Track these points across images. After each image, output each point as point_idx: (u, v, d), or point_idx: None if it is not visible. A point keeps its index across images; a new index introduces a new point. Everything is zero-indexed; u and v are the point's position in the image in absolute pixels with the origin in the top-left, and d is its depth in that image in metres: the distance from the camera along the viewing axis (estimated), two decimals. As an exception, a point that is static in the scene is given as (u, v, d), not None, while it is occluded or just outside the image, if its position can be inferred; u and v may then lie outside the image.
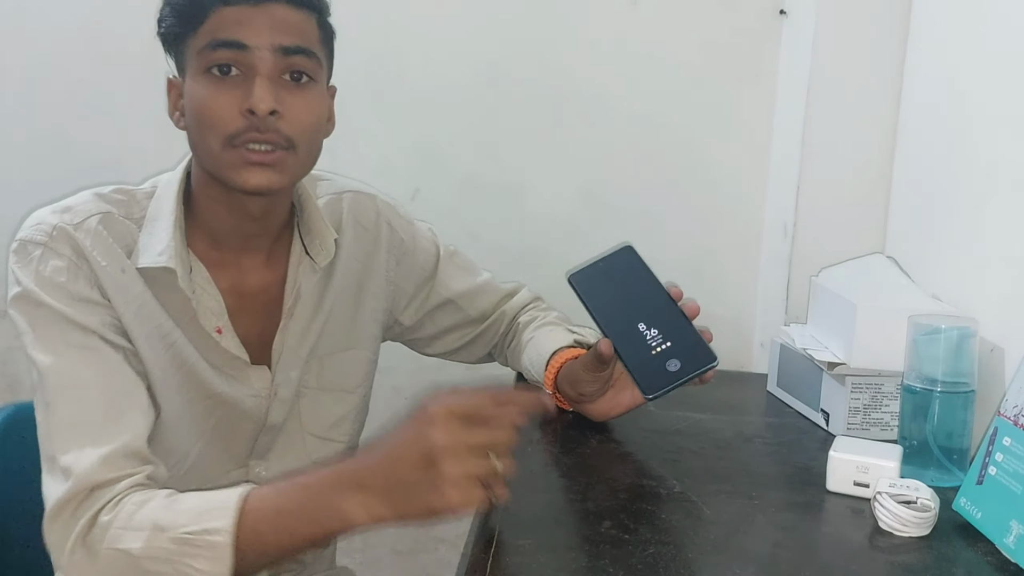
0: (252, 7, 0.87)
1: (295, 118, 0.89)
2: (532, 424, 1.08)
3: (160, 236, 0.92)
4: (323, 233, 1.01)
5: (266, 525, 0.77)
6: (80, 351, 0.87)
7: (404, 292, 1.14)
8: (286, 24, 0.89)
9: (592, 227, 1.51)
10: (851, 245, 1.33)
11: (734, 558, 0.77)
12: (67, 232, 0.89)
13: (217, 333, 0.95)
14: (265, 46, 0.87)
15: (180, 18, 0.90)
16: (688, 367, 0.95)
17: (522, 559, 0.76)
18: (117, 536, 0.78)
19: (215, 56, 0.88)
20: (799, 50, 1.39)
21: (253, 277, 0.99)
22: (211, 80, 0.88)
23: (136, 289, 0.91)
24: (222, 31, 0.87)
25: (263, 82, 0.87)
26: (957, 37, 1.18)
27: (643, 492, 0.90)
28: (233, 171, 0.89)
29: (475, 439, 0.73)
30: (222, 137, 0.88)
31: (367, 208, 1.10)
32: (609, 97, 1.49)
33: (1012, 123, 1.02)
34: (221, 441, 0.99)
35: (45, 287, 0.87)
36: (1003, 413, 0.83)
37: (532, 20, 1.48)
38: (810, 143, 1.37)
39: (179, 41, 0.91)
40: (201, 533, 0.76)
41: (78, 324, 0.87)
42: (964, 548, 0.80)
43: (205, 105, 0.88)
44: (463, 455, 0.72)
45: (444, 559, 1.64)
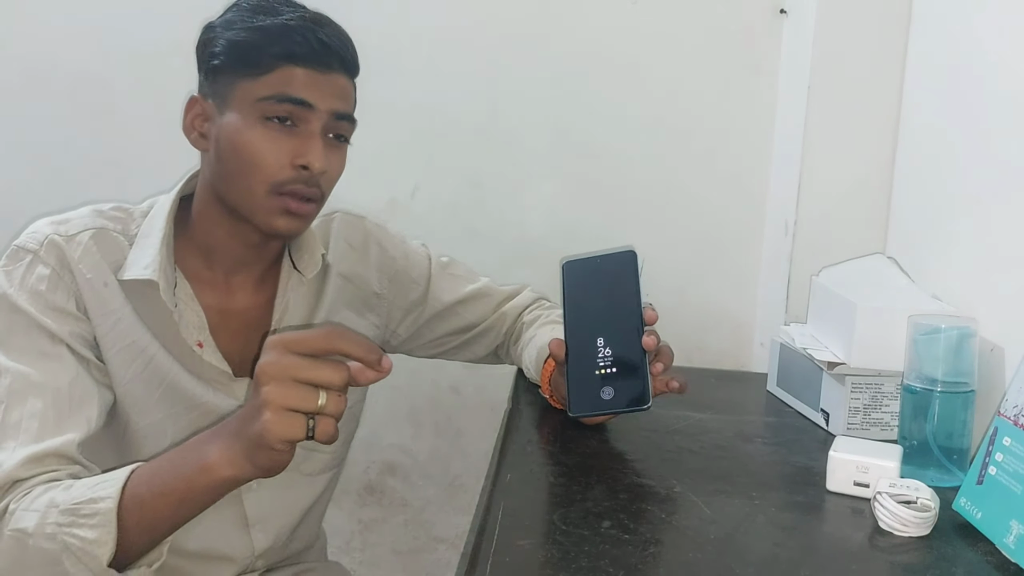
0: (318, 71, 0.94)
1: (332, 176, 0.98)
2: (532, 424, 1.09)
3: (148, 252, 0.96)
4: (312, 247, 1.05)
5: (145, 487, 0.78)
6: (42, 358, 0.90)
7: (398, 307, 1.18)
8: (342, 92, 0.97)
9: (592, 225, 1.51)
10: (852, 245, 1.33)
11: (734, 558, 0.77)
12: (57, 244, 0.94)
13: (198, 347, 0.98)
14: (326, 109, 0.95)
15: (242, 62, 0.94)
16: (619, 401, 0.95)
17: (522, 559, 0.76)
18: (17, 518, 0.80)
19: (279, 108, 0.93)
20: (800, 49, 1.39)
21: (241, 297, 1.03)
22: (268, 128, 0.93)
23: (115, 304, 0.95)
24: (290, 88, 0.93)
25: (319, 142, 0.94)
26: (957, 36, 1.18)
27: (643, 492, 0.90)
28: (268, 215, 0.94)
29: (301, 371, 0.72)
30: (268, 183, 0.93)
31: (356, 229, 1.14)
32: (609, 95, 1.49)
33: (1013, 123, 1.02)
34: None
35: (25, 294, 0.92)
36: (1003, 413, 0.83)
37: (533, 20, 1.48)
38: (811, 143, 1.37)
39: (230, 78, 0.94)
40: (88, 502, 0.78)
41: (48, 332, 0.91)
42: (964, 548, 0.80)
43: (257, 150, 0.93)
44: (285, 383, 0.72)
45: (444, 559, 1.64)
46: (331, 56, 0.95)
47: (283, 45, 0.93)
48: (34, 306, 0.91)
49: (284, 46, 0.93)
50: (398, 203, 1.54)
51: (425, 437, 1.63)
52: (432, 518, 1.65)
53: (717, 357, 1.53)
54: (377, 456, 1.63)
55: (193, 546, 1.00)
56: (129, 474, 0.79)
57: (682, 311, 1.52)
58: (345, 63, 0.97)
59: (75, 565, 0.77)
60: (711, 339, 1.54)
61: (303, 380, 0.72)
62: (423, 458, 1.63)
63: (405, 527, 1.65)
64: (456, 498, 1.63)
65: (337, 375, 0.73)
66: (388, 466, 1.63)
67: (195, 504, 0.78)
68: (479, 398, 1.59)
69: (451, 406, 1.61)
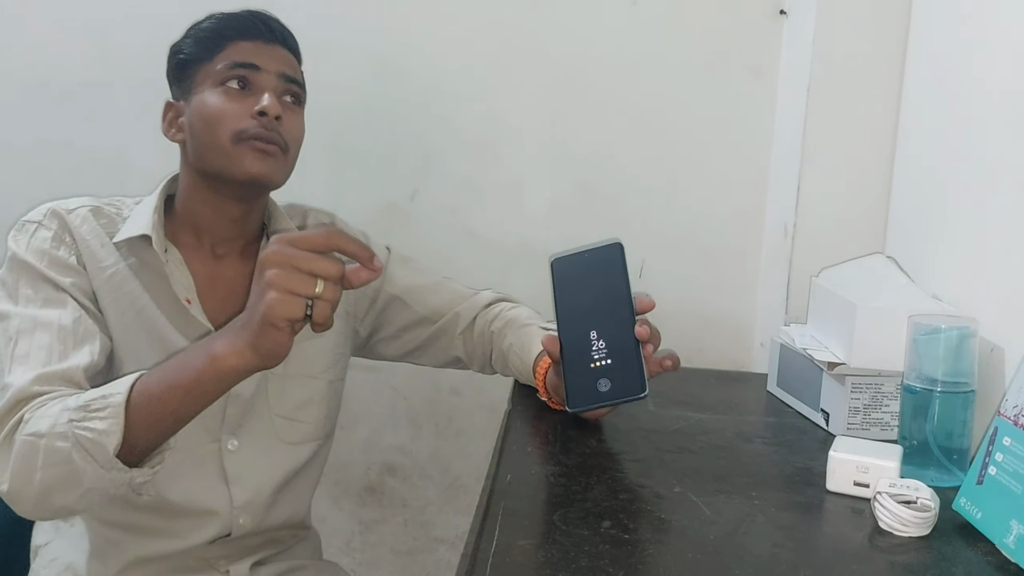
0: (264, 44, 1.08)
1: (291, 128, 1.07)
2: (532, 425, 1.09)
3: (142, 217, 1.07)
4: (286, 227, 1.15)
5: (153, 384, 0.87)
6: (48, 303, 1.00)
7: (364, 296, 1.23)
8: (286, 60, 1.09)
9: (591, 228, 1.51)
10: (851, 245, 1.33)
11: (734, 558, 0.77)
12: (58, 213, 1.06)
13: (187, 303, 1.06)
14: (274, 71, 1.07)
15: (201, 46, 1.07)
16: (616, 392, 0.95)
17: (522, 559, 0.76)
18: (32, 424, 0.87)
19: (232, 73, 1.05)
20: (799, 50, 1.39)
21: (227, 266, 1.11)
22: (226, 91, 1.05)
23: (112, 260, 1.05)
24: (240, 56, 1.06)
25: (271, 95, 1.05)
26: (957, 37, 1.18)
27: (643, 492, 0.90)
28: (237, 161, 1.03)
29: (302, 262, 0.80)
30: (232, 132, 1.03)
31: (323, 218, 1.24)
32: (609, 97, 1.49)
33: (1012, 123, 1.02)
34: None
35: (31, 251, 1.02)
36: (1003, 413, 0.83)
37: (532, 20, 1.49)
38: (810, 143, 1.37)
39: (193, 67, 1.07)
40: (99, 398, 0.86)
41: (52, 281, 1.01)
42: (964, 548, 0.80)
43: (219, 108, 1.04)
44: (286, 268, 0.80)
45: (444, 559, 1.64)
46: (273, 33, 1.08)
47: (231, 26, 1.07)
48: (39, 261, 1.01)
49: (232, 27, 1.07)
50: (397, 207, 1.54)
51: (425, 438, 1.63)
52: (432, 519, 1.64)
53: (717, 358, 1.53)
54: (377, 457, 1.63)
55: (176, 497, 1.06)
56: (139, 375, 0.88)
57: (682, 312, 1.52)
58: (287, 42, 1.10)
59: (84, 458, 0.85)
60: (711, 340, 1.54)
61: (303, 269, 0.80)
62: (423, 459, 1.63)
63: (405, 528, 1.65)
64: (456, 499, 1.63)
65: (333, 267, 0.81)
66: (388, 467, 1.63)
67: (201, 396, 0.86)
68: (479, 399, 1.59)
69: (451, 407, 1.61)
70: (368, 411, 1.60)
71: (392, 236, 1.30)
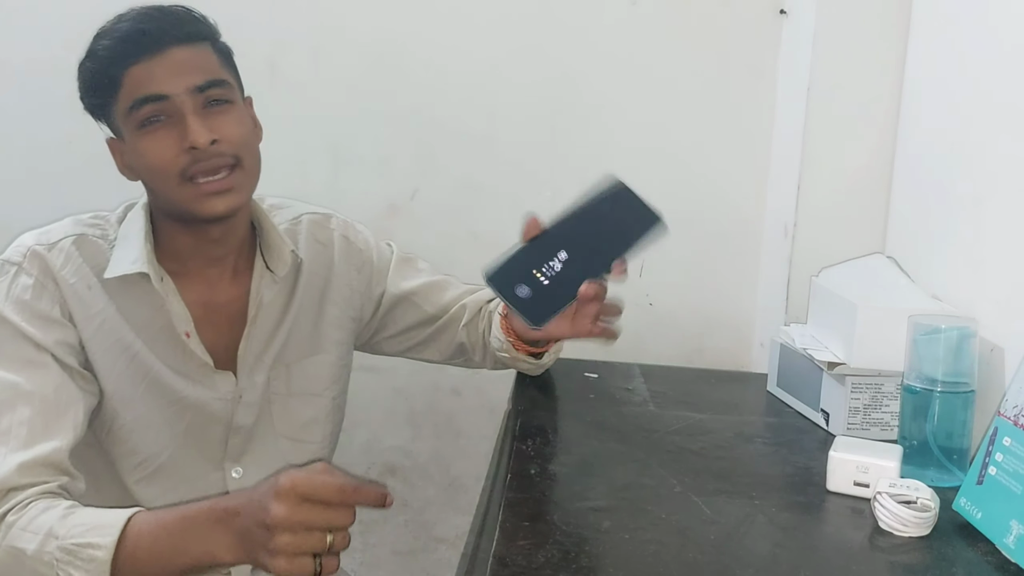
0: (153, 56, 0.96)
1: (232, 137, 0.98)
2: (532, 425, 1.09)
3: (131, 249, 1.00)
4: (280, 247, 1.08)
5: (143, 552, 0.82)
6: (28, 366, 0.94)
7: (369, 299, 1.19)
8: (189, 64, 0.97)
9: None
10: (851, 245, 1.33)
11: (734, 558, 0.77)
12: (39, 254, 0.98)
13: (186, 337, 1.02)
14: (181, 91, 0.96)
15: (97, 91, 0.98)
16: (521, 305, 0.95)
17: (522, 559, 0.76)
18: (17, 535, 0.84)
19: (142, 112, 0.96)
20: (799, 50, 1.39)
21: (220, 291, 1.06)
22: (147, 133, 0.96)
23: (100, 305, 0.99)
24: (139, 89, 0.95)
25: (193, 119, 0.95)
26: (957, 37, 1.18)
27: (643, 492, 0.90)
28: (195, 204, 0.97)
29: (313, 518, 0.76)
30: (174, 176, 0.96)
31: (322, 226, 1.17)
32: (609, 97, 1.49)
33: (1012, 123, 1.02)
34: (193, 444, 1.05)
35: (10, 304, 0.96)
36: (1003, 413, 0.83)
37: (532, 21, 1.48)
38: (810, 143, 1.37)
39: (105, 109, 0.99)
40: (85, 546, 0.82)
41: (33, 341, 0.95)
42: (964, 548, 0.80)
43: (150, 155, 0.96)
44: (298, 531, 0.76)
45: (444, 559, 1.64)
46: (159, 39, 0.96)
47: (114, 55, 0.96)
48: (19, 315, 0.95)
49: (115, 56, 0.96)
50: (398, 207, 1.54)
51: (425, 438, 1.63)
52: (432, 519, 1.64)
53: (717, 358, 1.53)
54: (377, 457, 1.63)
55: None
56: (126, 523, 0.82)
57: (682, 312, 1.52)
58: (176, 34, 0.97)
59: None
60: (711, 340, 1.54)
61: (317, 527, 0.77)
62: (423, 459, 1.63)
63: (405, 528, 1.65)
64: (456, 499, 1.63)
65: (347, 519, 0.78)
66: (388, 467, 1.63)
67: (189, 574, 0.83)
68: (479, 399, 1.59)
69: (451, 407, 1.61)
70: (368, 412, 1.60)
71: (393, 236, 1.30)
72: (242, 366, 1.07)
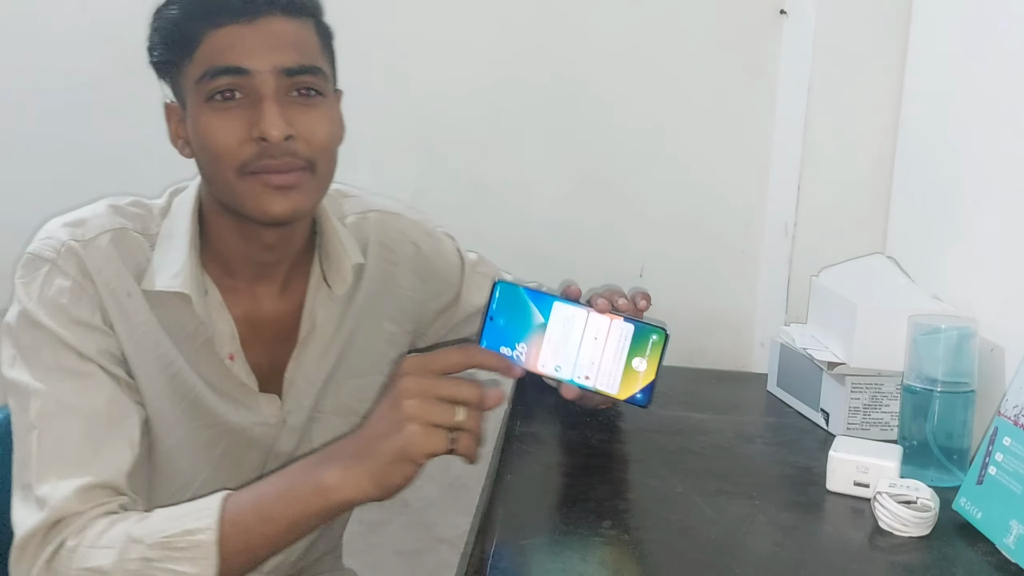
0: (245, 25, 0.82)
1: (311, 137, 0.85)
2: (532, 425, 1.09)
3: (174, 256, 0.89)
4: (341, 259, 0.96)
5: (249, 515, 0.76)
6: (73, 377, 0.83)
7: (430, 310, 1.10)
8: (285, 41, 0.84)
9: (593, 227, 1.51)
10: (851, 245, 1.33)
11: (734, 558, 0.77)
12: (75, 251, 0.86)
13: (229, 360, 0.92)
14: (267, 69, 0.83)
15: (170, 46, 0.86)
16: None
17: (522, 559, 0.76)
18: (85, 555, 0.75)
19: (215, 84, 0.83)
20: (799, 50, 1.39)
21: (267, 306, 0.95)
22: (215, 109, 0.84)
23: (141, 316, 0.88)
24: (218, 57, 0.82)
25: (271, 105, 0.83)
26: (957, 37, 1.18)
27: (643, 492, 0.90)
28: (252, 201, 0.85)
29: (439, 388, 0.74)
30: (234, 167, 0.84)
31: (392, 228, 1.06)
32: (610, 96, 1.49)
33: (1012, 123, 1.02)
34: (229, 468, 0.96)
35: (46, 308, 0.84)
36: (1003, 413, 0.83)
37: (533, 20, 1.48)
38: (810, 143, 1.37)
39: (173, 69, 0.87)
40: (183, 534, 0.74)
41: (75, 349, 0.83)
42: (964, 548, 0.80)
43: (212, 136, 0.84)
44: (427, 399, 0.73)
45: (445, 559, 1.64)
46: (254, 1, 0.82)
47: (198, 11, 0.83)
48: (57, 321, 0.83)
49: (199, 12, 0.83)
50: (398, 205, 1.54)
51: (426, 438, 1.63)
52: (433, 519, 1.64)
53: (717, 358, 1.53)
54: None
55: None
56: (222, 502, 0.76)
57: (682, 312, 1.52)
58: (280, 1, 0.84)
59: None
60: (711, 340, 1.54)
61: (444, 397, 0.74)
62: (424, 459, 1.63)
63: (407, 528, 1.65)
64: (457, 499, 1.63)
65: (474, 392, 0.74)
66: (389, 467, 1.63)
67: (304, 528, 0.76)
68: (480, 399, 1.59)
69: (452, 407, 1.61)
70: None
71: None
72: (289, 389, 0.96)
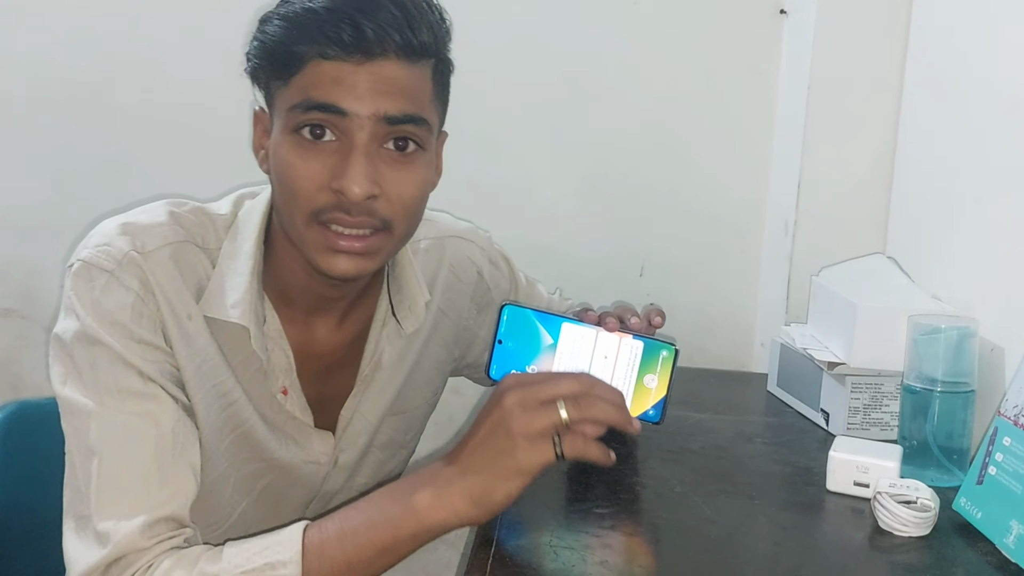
0: (357, 63, 0.75)
1: (395, 197, 0.78)
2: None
3: (235, 282, 0.82)
4: (415, 294, 0.92)
5: (333, 544, 0.72)
6: (136, 399, 0.77)
7: (480, 339, 1.07)
8: (395, 86, 0.77)
9: (593, 225, 1.51)
10: (851, 245, 1.33)
11: (734, 558, 0.77)
12: (137, 263, 0.79)
13: (283, 394, 0.87)
14: (366, 113, 0.76)
15: (271, 63, 0.79)
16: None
17: (522, 559, 0.76)
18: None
19: (307, 117, 0.76)
20: (799, 50, 1.39)
21: (322, 336, 0.89)
22: (300, 143, 0.77)
23: (201, 341, 0.82)
24: (317, 90, 0.75)
25: (359, 158, 0.76)
26: (957, 37, 1.18)
27: (644, 492, 0.90)
28: (317, 253, 0.79)
29: (541, 391, 0.72)
30: (306, 212, 0.78)
31: (463, 256, 1.03)
32: (609, 96, 1.49)
33: (1012, 123, 1.02)
34: (269, 503, 0.91)
35: (105, 324, 0.77)
36: (1003, 413, 0.83)
37: (533, 20, 1.48)
38: (810, 143, 1.37)
39: (268, 82, 0.81)
40: (263, 568, 0.70)
41: (136, 368, 0.77)
42: (964, 548, 0.80)
43: (290, 171, 0.77)
44: (531, 408, 0.71)
45: (444, 559, 1.64)
46: (368, 40, 0.74)
47: (307, 36, 0.75)
48: (116, 338, 0.77)
49: (307, 37, 0.75)
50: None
51: (425, 438, 1.61)
52: (432, 518, 1.64)
53: (717, 357, 1.53)
54: (377, 456, 1.63)
55: None
56: (302, 533, 0.72)
57: (682, 311, 1.51)
58: (398, 44, 0.76)
59: None
60: (711, 340, 1.54)
61: (544, 398, 0.72)
62: (422, 459, 1.63)
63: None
64: (456, 498, 1.63)
65: (575, 383, 0.72)
66: (388, 466, 1.63)
67: (392, 556, 0.74)
68: (479, 399, 1.59)
69: (451, 407, 1.61)
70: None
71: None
72: (345, 427, 0.92)
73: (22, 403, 1.11)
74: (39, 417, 1.09)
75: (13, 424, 1.08)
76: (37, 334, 1.52)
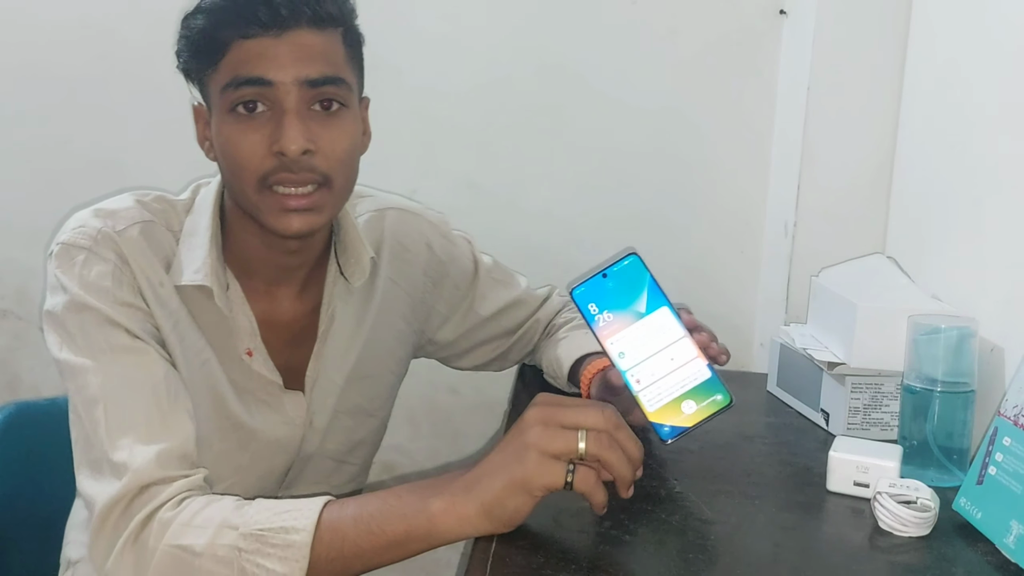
0: (274, 36, 0.84)
1: (330, 152, 0.86)
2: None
3: (196, 253, 0.90)
4: (359, 251, 0.98)
5: (348, 524, 0.74)
6: (127, 353, 0.84)
7: (438, 312, 1.12)
8: (311, 52, 0.85)
9: (591, 227, 1.51)
10: (851, 245, 1.33)
11: (734, 558, 0.77)
12: (111, 237, 0.87)
13: (247, 355, 0.93)
14: (290, 80, 0.84)
15: (197, 53, 0.87)
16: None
17: (522, 559, 0.76)
18: (179, 532, 0.75)
19: (239, 94, 0.84)
20: (799, 50, 1.39)
21: (286, 307, 0.96)
22: (237, 119, 0.85)
23: (173, 305, 0.89)
24: (244, 67, 0.84)
25: (292, 120, 0.84)
26: (957, 37, 1.18)
27: (643, 492, 0.90)
28: (270, 216, 0.87)
29: (565, 415, 0.73)
30: (254, 179, 0.86)
31: (410, 228, 1.07)
32: (609, 97, 1.49)
33: (1012, 123, 1.02)
34: (254, 475, 0.96)
35: (91, 291, 0.84)
36: (1003, 413, 0.83)
37: (532, 20, 1.48)
38: (810, 143, 1.37)
39: (200, 75, 0.89)
40: (279, 531, 0.73)
41: (124, 327, 0.84)
42: (964, 548, 0.80)
43: (233, 146, 0.86)
44: (552, 428, 0.72)
45: (444, 559, 1.64)
46: (281, 16, 0.83)
47: (226, 21, 0.84)
48: (103, 302, 0.84)
49: (227, 22, 0.84)
50: (397, 203, 1.53)
51: (423, 438, 1.62)
52: (431, 519, 1.64)
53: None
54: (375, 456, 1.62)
55: None
56: (322, 506, 0.75)
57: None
58: (308, 14, 0.84)
59: None
60: (711, 339, 1.54)
61: (567, 424, 0.73)
62: (421, 458, 1.63)
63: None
64: (455, 499, 1.63)
65: (601, 416, 0.73)
66: (386, 466, 1.63)
67: (402, 550, 0.75)
68: (477, 399, 1.59)
69: (449, 407, 1.61)
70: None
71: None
72: (312, 387, 0.98)
73: (19, 404, 1.11)
74: (36, 418, 1.10)
75: (10, 425, 1.08)
76: (33, 335, 1.51)
